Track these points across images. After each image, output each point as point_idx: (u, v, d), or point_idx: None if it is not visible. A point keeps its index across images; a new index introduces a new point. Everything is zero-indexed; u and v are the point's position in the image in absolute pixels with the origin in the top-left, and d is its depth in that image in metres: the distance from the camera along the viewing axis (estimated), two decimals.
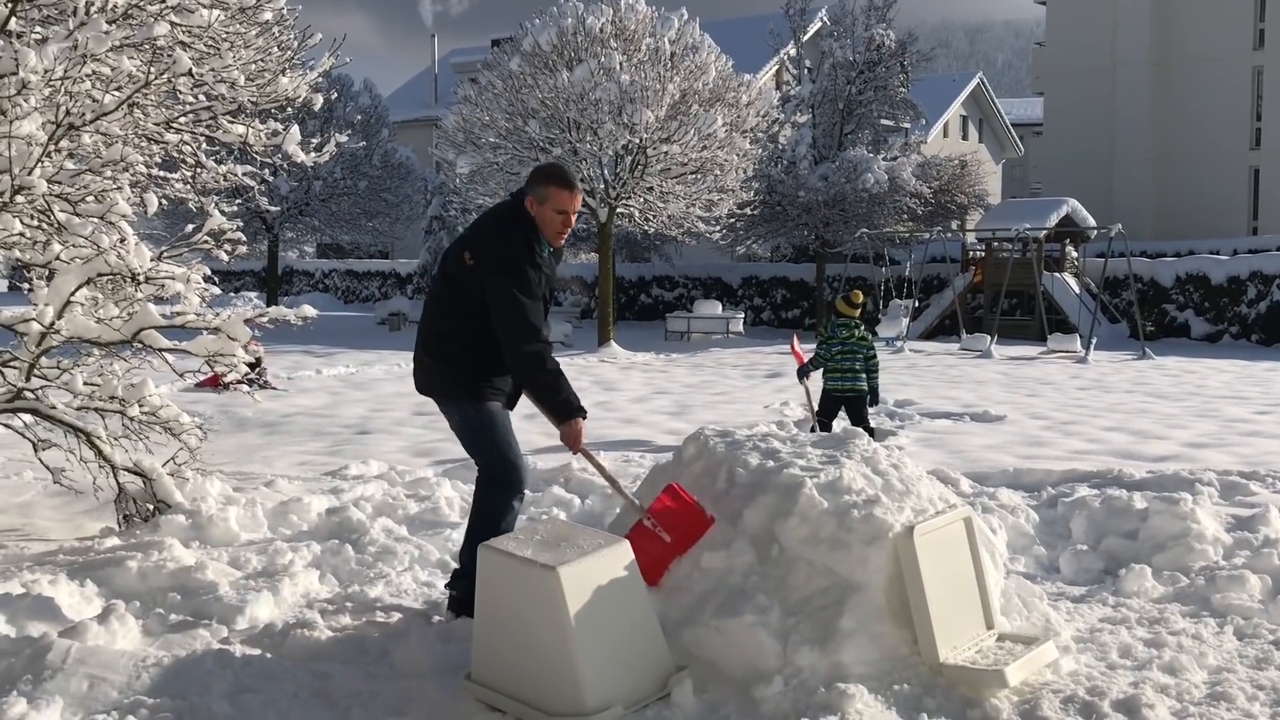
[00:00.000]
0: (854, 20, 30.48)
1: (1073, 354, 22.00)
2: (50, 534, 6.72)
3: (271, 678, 4.22)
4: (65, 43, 5.29)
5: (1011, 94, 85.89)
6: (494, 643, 4.17)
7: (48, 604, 4.91)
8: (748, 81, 24.33)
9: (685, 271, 35.23)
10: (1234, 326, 26.62)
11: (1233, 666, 4.50)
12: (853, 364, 9.77)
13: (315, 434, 11.04)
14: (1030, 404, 13.92)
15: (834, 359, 9.82)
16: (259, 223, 29.44)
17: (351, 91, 31.84)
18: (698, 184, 23.26)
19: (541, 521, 5.38)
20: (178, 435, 6.90)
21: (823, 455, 4.87)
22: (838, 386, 9.84)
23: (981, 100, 52.59)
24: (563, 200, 5.02)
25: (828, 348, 9.86)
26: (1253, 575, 5.48)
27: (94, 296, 6.37)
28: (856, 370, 9.78)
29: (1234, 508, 7.11)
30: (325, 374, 17.66)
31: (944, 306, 28.46)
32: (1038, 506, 7.24)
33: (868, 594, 4.27)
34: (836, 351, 9.80)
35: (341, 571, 5.93)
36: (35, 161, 5.41)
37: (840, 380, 9.83)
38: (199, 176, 7.35)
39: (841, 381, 9.82)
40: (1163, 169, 38.53)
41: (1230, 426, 11.83)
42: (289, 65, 7.32)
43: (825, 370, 9.91)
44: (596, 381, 16.93)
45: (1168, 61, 38.32)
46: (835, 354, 9.81)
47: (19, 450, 8.06)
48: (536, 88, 21.81)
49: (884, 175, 28.06)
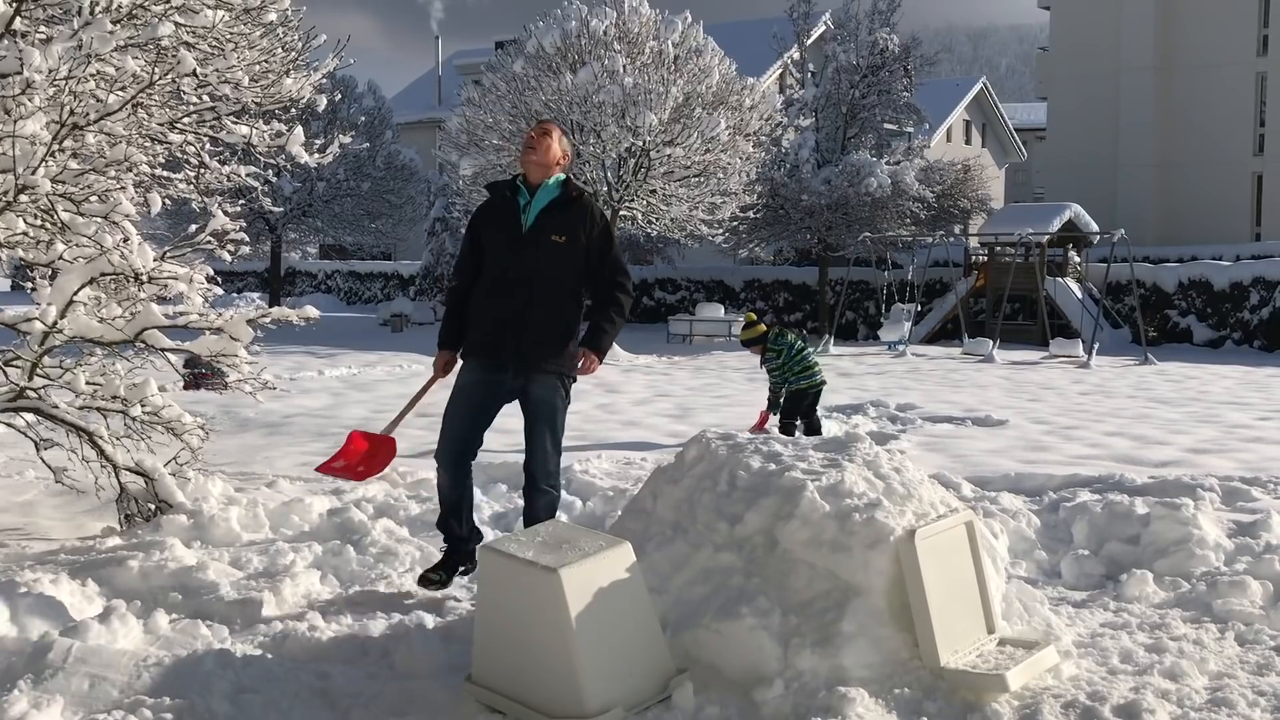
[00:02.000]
0: (858, 24, 30.48)
1: (1075, 359, 21.99)
2: (52, 533, 6.72)
3: (272, 678, 4.22)
4: (70, 42, 5.29)
5: (1015, 99, 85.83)
6: (495, 644, 4.17)
7: (49, 603, 4.91)
8: (751, 85, 24.34)
9: (688, 274, 35.22)
10: (1236, 332, 26.59)
11: (1234, 672, 4.50)
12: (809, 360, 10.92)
13: (317, 435, 11.04)
14: (1032, 409, 13.91)
15: (796, 362, 10.84)
16: (262, 223, 29.46)
17: (355, 93, 31.87)
18: (701, 187, 23.26)
19: (541, 524, 5.38)
20: (179, 435, 6.91)
21: (824, 458, 4.87)
22: (812, 382, 10.89)
23: (985, 105, 52.65)
24: (527, 137, 5.60)
25: (789, 364, 10.84)
26: (1254, 581, 5.47)
27: (97, 296, 6.37)
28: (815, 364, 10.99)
29: (1235, 513, 7.11)
30: (327, 375, 17.67)
31: (946, 311, 28.44)
32: (1039, 511, 7.23)
33: (869, 597, 4.27)
34: (797, 354, 10.86)
35: (343, 572, 5.93)
36: (39, 161, 5.42)
37: (812, 375, 10.88)
38: (203, 177, 7.36)
39: (813, 377, 10.88)
40: (1166, 174, 38.51)
41: (1232, 432, 11.82)
42: (293, 66, 7.32)
43: (793, 374, 10.87)
44: (598, 383, 16.93)
45: (1171, 67, 38.30)
46: (797, 358, 10.84)
47: (21, 449, 8.07)
48: (540, 90, 21.82)
49: (887, 179, 28.06)
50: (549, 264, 5.44)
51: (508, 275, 5.45)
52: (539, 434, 5.51)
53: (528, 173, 5.54)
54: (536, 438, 5.51)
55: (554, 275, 5.45)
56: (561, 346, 5.48)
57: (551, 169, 5.53)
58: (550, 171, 5.53)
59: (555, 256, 5.44)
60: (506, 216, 5.52)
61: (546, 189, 5.52)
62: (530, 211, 5.48)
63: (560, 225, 5.45)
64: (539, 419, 5.50)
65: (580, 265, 5.50)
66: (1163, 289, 27.74)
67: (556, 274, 5.46)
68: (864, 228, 28.20)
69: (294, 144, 6.70)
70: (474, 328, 5.56)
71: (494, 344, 5.45)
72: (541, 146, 5.50)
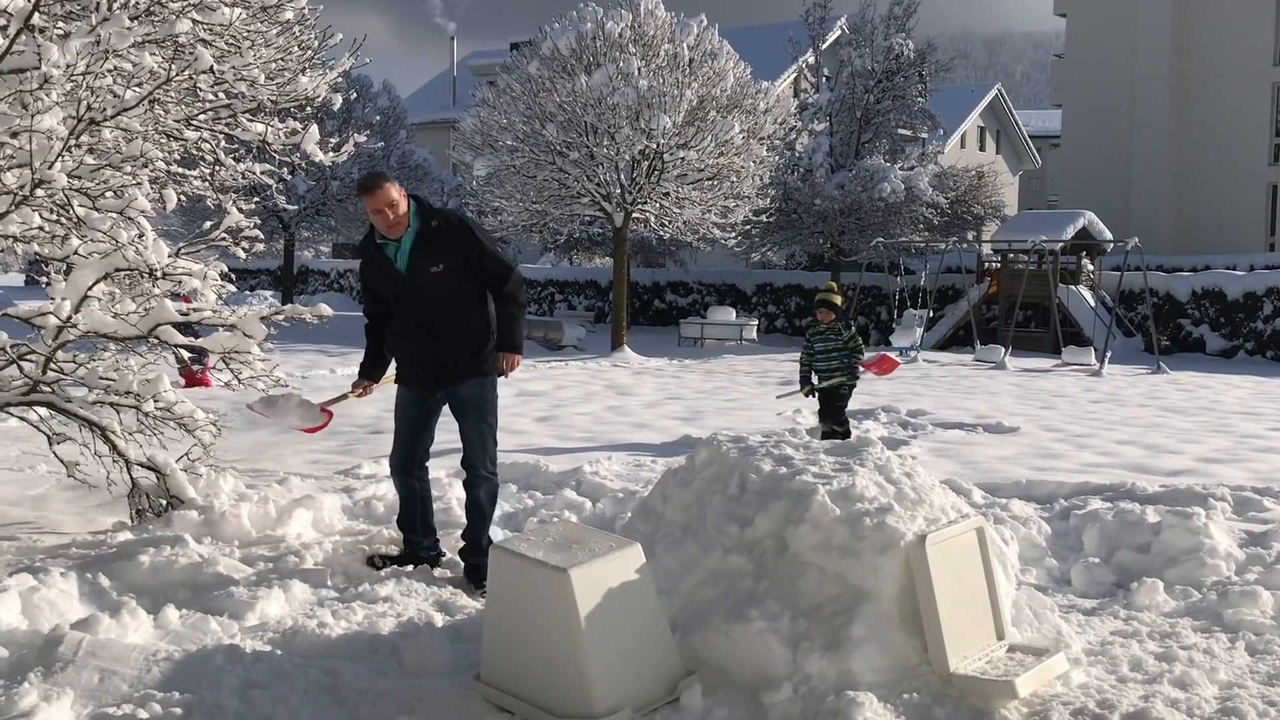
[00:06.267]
0: (873, 29, 30.45)
1: (1087, 367, 21.92)
2: (63, 527, 6.75)
3: (281, 674, 4.24)
4: (88, 38, 5.31)
5: (1030, 106, 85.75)
6: (504, 644, 4.18)
7: (60, 597, 4.93)
8: (766, 88, 24.31)
9: (700, 277, 35.20)
10: (1249, 342, 26.49)
11: (1244, 682, 4.49)
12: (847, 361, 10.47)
13: (328, 433, 10.99)
14: (1044, 416, 13.87)
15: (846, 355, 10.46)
16: (276, 221, 29.55)
17: (370, 92, 31.96)
18: (714, 190, 23.25)
19: (553, 523, 5.39)
20: (192, 431, 6.93)
21: (835, 463, 4.87)
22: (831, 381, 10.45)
23: (999, 111, 52.57)
24: (365, 204, 5.74)
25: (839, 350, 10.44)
26: (1265, 591, 5.46)
27: (111, 291, 6.40)
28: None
29: (1247, 523, 7.09)
30: (339, 373, 17.68)
31: (958, 317, 28.38)
32: (1050, 518, 7.22)
33: (878, 602, 4.27)
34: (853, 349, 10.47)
35: (352, 570, 5.94)
36: (56, 156, 5.44)
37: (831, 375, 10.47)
38: (217, 174, 7.37)
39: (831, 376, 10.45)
40: (1180, 183, 38.38)
41: (1244, 442, 11.78)
42: (309, 65, 7.33)
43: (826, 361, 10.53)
44: (609, 386, 16.93)
45: (1187, 76, 38.19)
46: (850, 345, 10.46)
47: (34, 443, 8.10)
48: (554, 91, 21.83)
49: (900, 185, 28.02)
50: (439, 295, 5.73)
51: (410, 318, 5.82)
52: (470, 427, 5.90)
53: (387, 235, 5.77)
54: (470, 431, 5.91)
55: (447, 301, 5.74)
56: (477, 354, 5.82)
57: (404, 220, 5.73)
58: (404, 221, 5.73)
59: (441, 286, 5.72)
60: (383, 267, 5.85)
61: (408, 232, 5.75)
62: (401, 254, 5.76)
63: (432, 256, 5.71)
64: (468, 415, 5.90)
65: (469, 277, 5.76)
66: (1176, 298, 27.65)
67: (450, 299, 5.75)
68: (877, 233, 28.15)
69: (309, 142, 6.71)
70: (397, 360, 6.08)
71: (416, 376, 5.92)
72: (391, 214, 5.69)
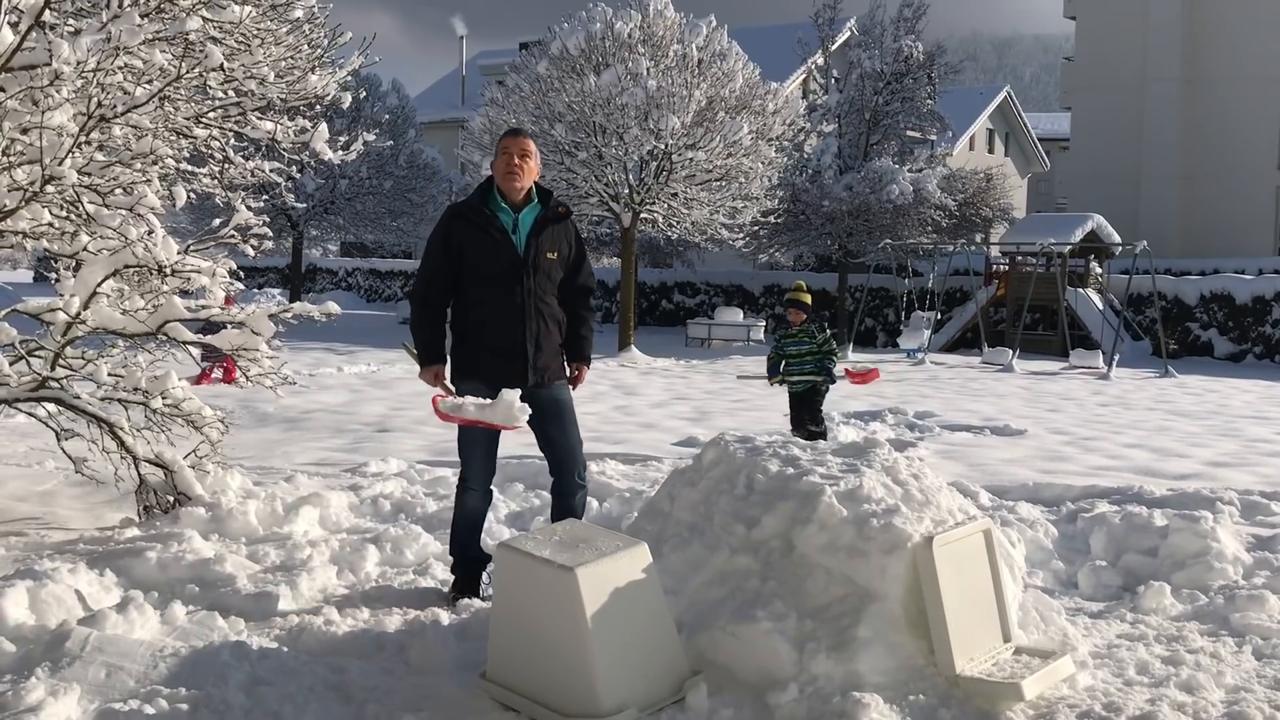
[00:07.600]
0: (883, 31, 30.42)
1: (1095, 370, 21.89)
2: (71, 523, 6.76)
3: (288, 671, 4.24)
4: (98, 35, 5.32)
5: (1039, 108, 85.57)
6: (510, 642, 4.18)
7: (67, 592, 4.94)
8: (775, 89, 24.30)
9: (707, 278, 35.20)
10: (1258, 346, 26.45)
11: (1251, 686, 4.47)
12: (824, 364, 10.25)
13: (336, 431, 11.08)
14: (1051, 419, 13.85)
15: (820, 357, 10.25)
16: (284, 219, 29.60)
17: (379, 91, 32.01)
18: (722, 191, 23.24)
19: (559, 523, 5.39)
20: (199, 428, 6.94)
21: (843, 464, 4.86)
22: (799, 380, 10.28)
23: (1008, 114, 52.52)
24: (504, 143, 5.45)
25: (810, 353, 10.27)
26: (1272, 596, 5.44)
27: (120, 288, 6.41)
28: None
29: (1255, 527, 7.07)
30: (346, 371, 17.72)
31: (966, 320, 28.35)
32: (1057, 521, 7.21)
33: (885, 603, 4.26)
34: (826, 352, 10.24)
35: (359, 568, 5.94)
36: (66, 152, 5.45)
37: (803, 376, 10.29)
38: (227, 171, 7.38)
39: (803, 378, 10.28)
40: (1189, 187, 38.32)
41: (1252, 446, 11.75)
42: (318, 63, 7.34)
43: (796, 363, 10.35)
44: (616, 386, 16.94)
45: (1197, 79, 38.12)
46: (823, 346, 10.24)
47: (42, 439, 8.12)
48: (563, 91, 21.84)
49: (909, 187, 27.99)
50: (547, 283, 5.53)
51: (513, 303, 5.41)
52: (568, 432, 5.61)
53: (509, 194, 5.46)
54: (567, 436, 5.61)
55: (550, 292, 5.56)
56: (561, 354, 5.68)
57: (528, 182, 5.51)
58: (528, 184, 5.51)
59: (551, 274, 5.54)
60: (493, 238, 5.41)
61: (530, 207, 5.53)
62: (521, 233, 5.46)
63: (550, 243, 5.52)
64: (561, 417, 5.59)
65: (564, 272, 5.62)
66: (1184, 301, 27.61)
67: (552, 290, 5.57)
68: (885, 235, 28.13)
69: (318, 141, 6.73)
70: (479, 353, 5.46)
71: (506, 371, 5.38)
72: (525, 170, 5.45)
